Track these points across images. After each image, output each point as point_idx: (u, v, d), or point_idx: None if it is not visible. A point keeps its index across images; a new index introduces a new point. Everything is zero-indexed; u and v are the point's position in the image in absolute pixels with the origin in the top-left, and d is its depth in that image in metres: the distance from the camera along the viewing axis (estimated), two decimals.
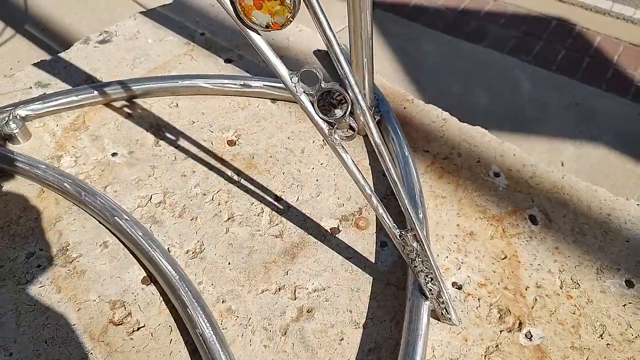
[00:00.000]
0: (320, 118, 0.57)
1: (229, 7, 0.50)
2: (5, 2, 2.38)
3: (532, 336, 0.73)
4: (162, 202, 0.88)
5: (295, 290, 0.77)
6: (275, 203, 0.89)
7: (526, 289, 0.78)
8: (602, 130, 1.90)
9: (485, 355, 0.71)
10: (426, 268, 0.67)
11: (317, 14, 0.49)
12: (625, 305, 0.76)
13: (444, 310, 0.71)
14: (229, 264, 0.80)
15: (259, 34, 0.52)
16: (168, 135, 1.00)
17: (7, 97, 1.07)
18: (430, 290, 0.69)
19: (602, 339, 0.72)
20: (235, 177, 0.93)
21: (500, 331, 0.73)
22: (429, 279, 0.68)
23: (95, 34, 1.23)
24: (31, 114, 0.99)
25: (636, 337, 0.73)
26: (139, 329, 0.73)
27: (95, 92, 1.01)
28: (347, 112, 0.56)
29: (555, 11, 2.53)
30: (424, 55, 2.18)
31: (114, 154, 0.96)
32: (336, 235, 0.84)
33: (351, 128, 0.58)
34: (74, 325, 0.73)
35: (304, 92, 0.55)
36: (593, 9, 2.61)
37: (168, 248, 0.82)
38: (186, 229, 0.85)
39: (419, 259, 0.67)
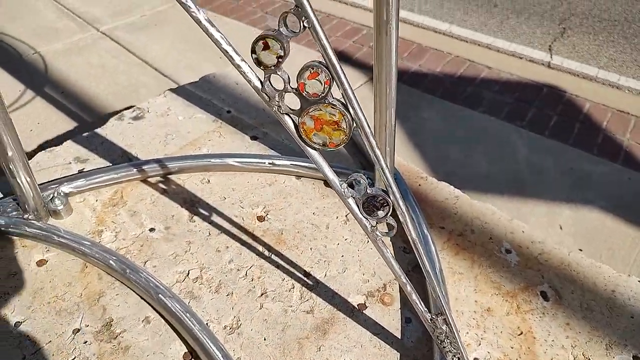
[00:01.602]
0: (364, 217, 0.64)
1: (293, 129, 0.58)
2: (25, 65, 2.50)
3: None
4: (199, 278, 0.94)
5: None
6: (305, 279, 0.95)
7: None
8: (596, 194, 2.00)
9: None
10: (454, 348, 0.73)
11: (368, 137, 0.58)
12: None
13: None
14: (265, 339, 0.86)
15: (315, 149, 0.60)
16: (202, 210, 1.07)
17: (48, 172, 1.14)
18: None
19: None
20: (266, 253, 0.99)
21: None
22: (457, 359, 0.74)
23: (129, 110, 1.33)
24: (74, 190, 1.06)
25: None
26: None
27: (134, 170, 1.09)
28: (388, 214, 0.64)
29: (545, 78, 2.70)
30: (424, 121, 2.30)
31: (151, 229, 1.02)
32: (363, 312, 0.90)
33: (389, 225, 0.65)
34: None
35: (351, 196, 0.63)
36: (580, 75, 2.79)
37: (207, 323, 0.87)
38: (223, 305, 0.90)
39: (448, 340, 0.73)
